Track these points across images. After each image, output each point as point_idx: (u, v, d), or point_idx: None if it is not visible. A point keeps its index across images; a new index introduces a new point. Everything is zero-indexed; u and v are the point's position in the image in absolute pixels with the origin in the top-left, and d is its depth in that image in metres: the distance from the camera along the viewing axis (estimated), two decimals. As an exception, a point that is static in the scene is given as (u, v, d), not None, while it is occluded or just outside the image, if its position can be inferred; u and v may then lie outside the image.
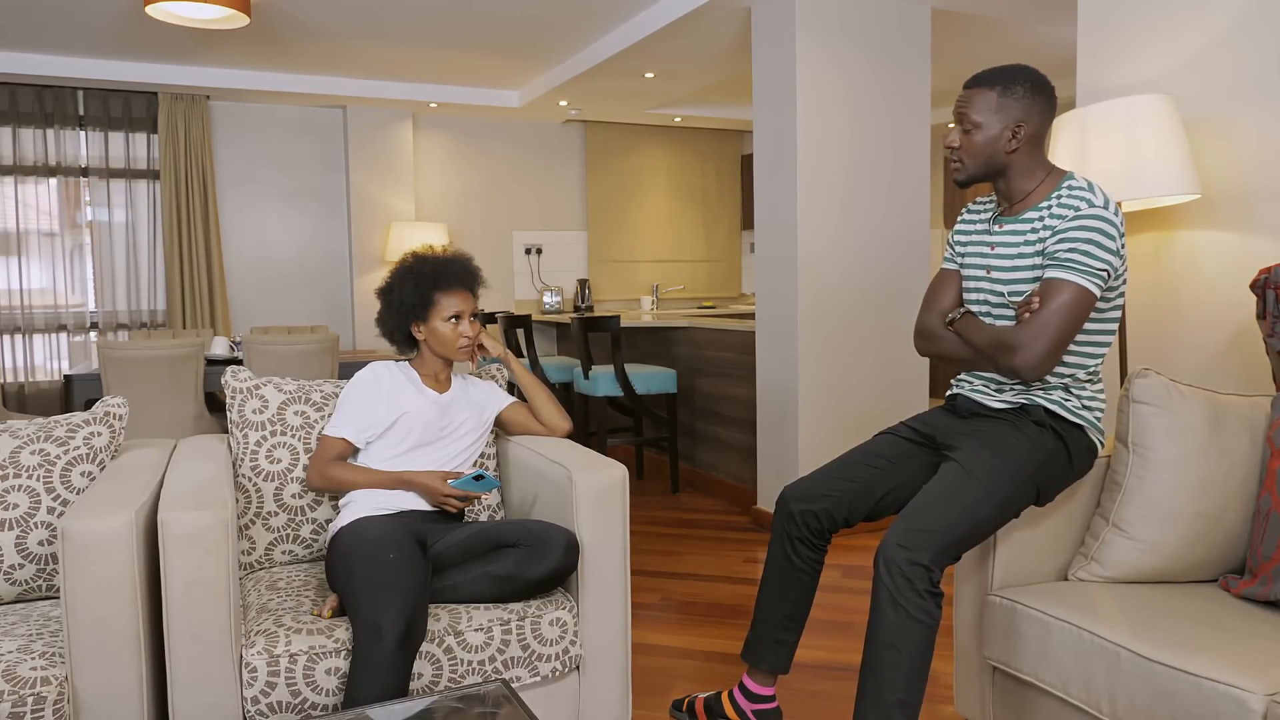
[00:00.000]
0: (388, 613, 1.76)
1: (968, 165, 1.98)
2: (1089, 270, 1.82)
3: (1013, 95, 1.92)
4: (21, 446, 2.02)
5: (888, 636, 1.79)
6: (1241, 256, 2.47)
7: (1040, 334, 1.83)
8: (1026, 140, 1.93)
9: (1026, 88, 1.92)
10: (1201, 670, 1.52)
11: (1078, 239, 1.83)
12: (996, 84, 1.93)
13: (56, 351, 5.99)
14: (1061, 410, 1.94)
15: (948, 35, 5.05)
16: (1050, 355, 1.83)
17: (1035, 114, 1.92)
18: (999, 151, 1.94)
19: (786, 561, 2.18)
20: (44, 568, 1.99)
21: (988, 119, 1.93)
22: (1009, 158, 1.94)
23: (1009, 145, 1.93)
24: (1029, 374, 1.85)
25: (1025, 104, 1.92)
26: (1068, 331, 1.83)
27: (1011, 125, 1.92)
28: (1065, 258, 1.84)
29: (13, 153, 5.75)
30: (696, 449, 5.18)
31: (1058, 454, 1.93)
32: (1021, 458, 1.89)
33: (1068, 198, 1.89)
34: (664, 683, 2.64)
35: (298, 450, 2.31)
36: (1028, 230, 1.93)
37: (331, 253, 6.71)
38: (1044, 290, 1.85)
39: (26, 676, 1.63)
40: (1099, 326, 1.95)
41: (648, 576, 3.61)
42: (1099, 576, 1.96)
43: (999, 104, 1.92)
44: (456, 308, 2.29)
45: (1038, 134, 1.94)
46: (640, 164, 7.56)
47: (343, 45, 5.34)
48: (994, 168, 1.96)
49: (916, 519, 1.83)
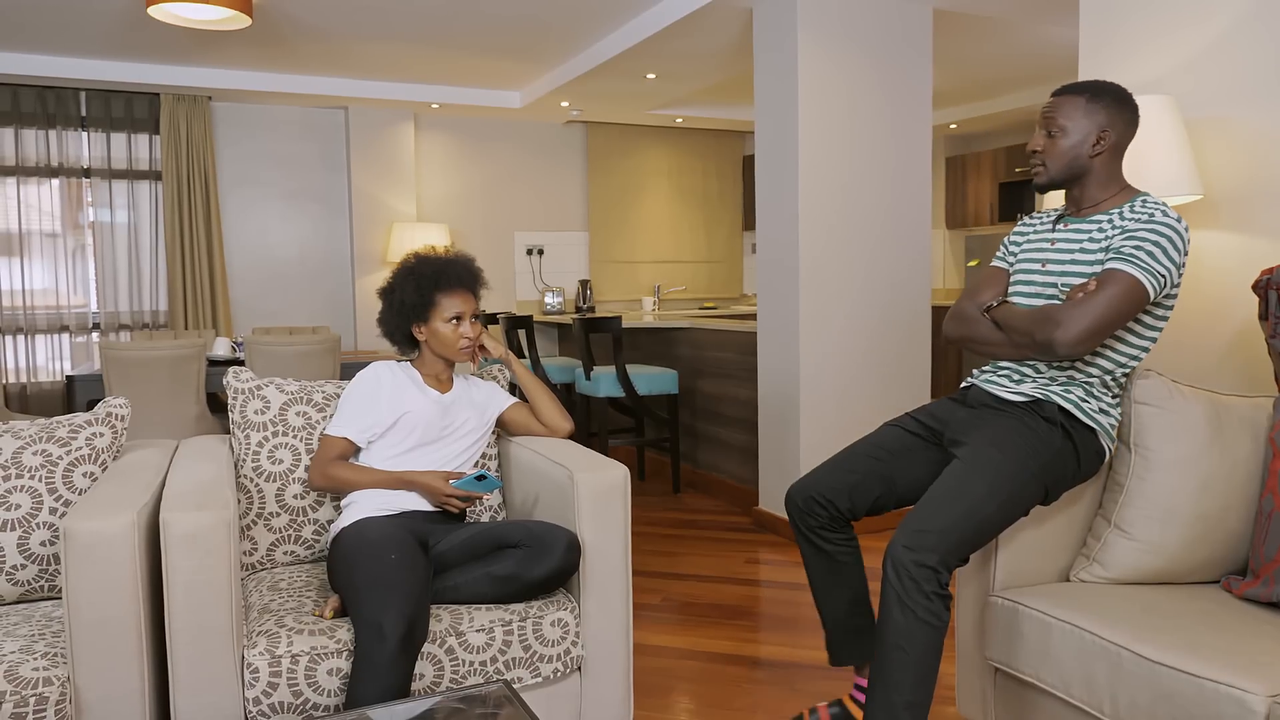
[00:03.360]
0: (389, 613, 1.76)
1: (1050, 168, 2.00)
2: (1150, 269, 1.83)
3: (1099, 103, 1.95)
4: (24, 447, 2.02)
5: (896, 638, 1.80)
6: (1243, 257, 2.47)
7: (1086, 314, 1.82)
8: (1109, 148, 1.97)
9: (1113, 97, 1.96)
10: (1203, 671, 1.52)
11: (1146, 238, 1.86)
12: (1085, 91, 1.97)
13: (59, 352, 5.99)
14: (1076, 411, 1.93)
15: (949, 36, 5.05)
16: (1090, 336, 1.82)
17: (1120, 124, 1.96)
18: (1082, 155, 1.97)
19: (819, 552, 2.17)
20: (46, 568, 1.99)
21: (1074, 123, 1.96)
22: (1091, 162, 1.97)
23: (1092, 150, 1.96)
24: (1064, 349, 1.83)
25: (1111, 112, 1.95)
26: (1113, 318, 1.82)
27: (1096, 131, 1.95)
28: (1129, 252, 1.86)
29: (15, 153, 5.75)
30: (698, 450, 5.18)
31: (1065, 453, 1.92)
32: (1028, 454, 1.89)
33: (1142, 208, 1.92)
34: (665, 683, 2.64)
35: (299, 451, 2.31)
36: (1094, 229, 1.96)
37: (333, 253, 6.71)
38: (1102, 278, 1.86)
39: (29, 677, 1.63)
40: (1138, 335, 1.95)
41: (649, 577, 3.61)
42: (1101, 577, 1.96)
43: (1086, 108, 1.96)
44: (457, 309, 2.29)
45: (1120, 144, 1.98)
46: (642, 165, 7.57)
47: (344, 46, 5.34)
48: (1075, 171, 1.98)
49: (923, 520, 1.83)
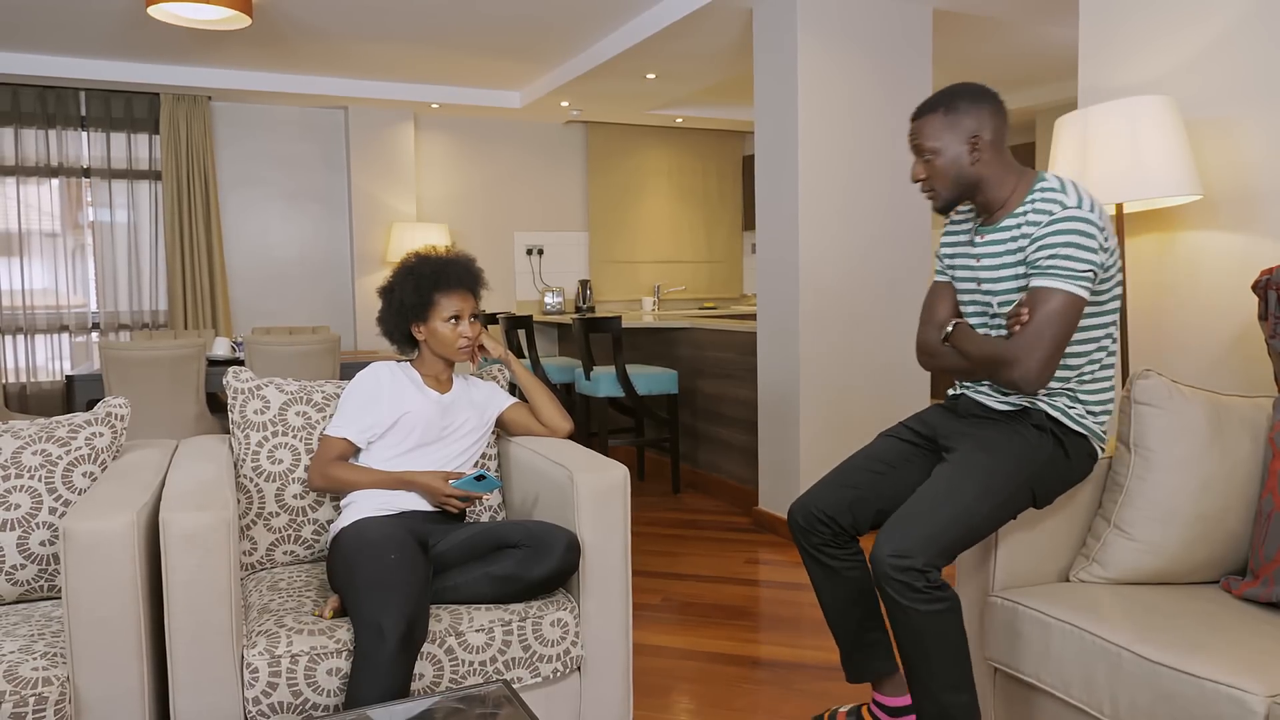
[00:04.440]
0: (389, 613, 1.76)
1: (940, 191, 1.96)
2: (1073, 274, 1.80)
3: (957, 111, 1.91)
4: (23, 447, 2.02)
5: (908, 637, 1.82)
6: (1243, 257, 2.47)
7: (1033, 346, 1.80)
8: (987, 149, 1.91)
9: (968, 99, 1.92)
10: (1203, 671, 1.52)
11: (1056, 244, 1.81)
12: (939, 106, 1.93)
13: (58, 352, 5.99)
14: (1063, 418, 1.93)
15: (949, 36, 5.05)
16: (1046, 366, 1.81)
17: (986, 120, 1.91)
18: (964, 168, 1.92)
19: (825, 569, 2.15)
20: (46, 568, 1.99)
21: (943, 141, 1.92)
22: (976, 170, 1.92)
23: (971, 159, 1.92)
24: (1028, 387, 1.83)
25: (973, 114, 1.91)
26: (1060, 339, 1.81)
27: (967, 139, 1.91)
28: (1047, 265, 1.81)
29: (15, 153, 5.75)
30: (698, 450, 5.18)
31: (1056, 459, 1.92)
32: (1018, 461, 1.89)
33: (1041, 202, 1.87)
34: (665, 684, 2.64)
35: (299, 451, 2.31)
36: (1008, 239, 1.92)
37: (333, 253, 6.71)
38: (1031, 300, 1.83)
39: (28, 677, 1.63)
40: (1095, 324, 1.93)
41: (649, 577, 3.61)
42: (1100, 578, 1.96)
43: (947, 122, 1.92)
44: (456, 308, 2.29)
45: (996, 139, 1.92)
46: (641, 165, 7.57)
47: (344, 46, 5.34)
48: (965, 185, 1.95)
49: (908, 522, 1.83)
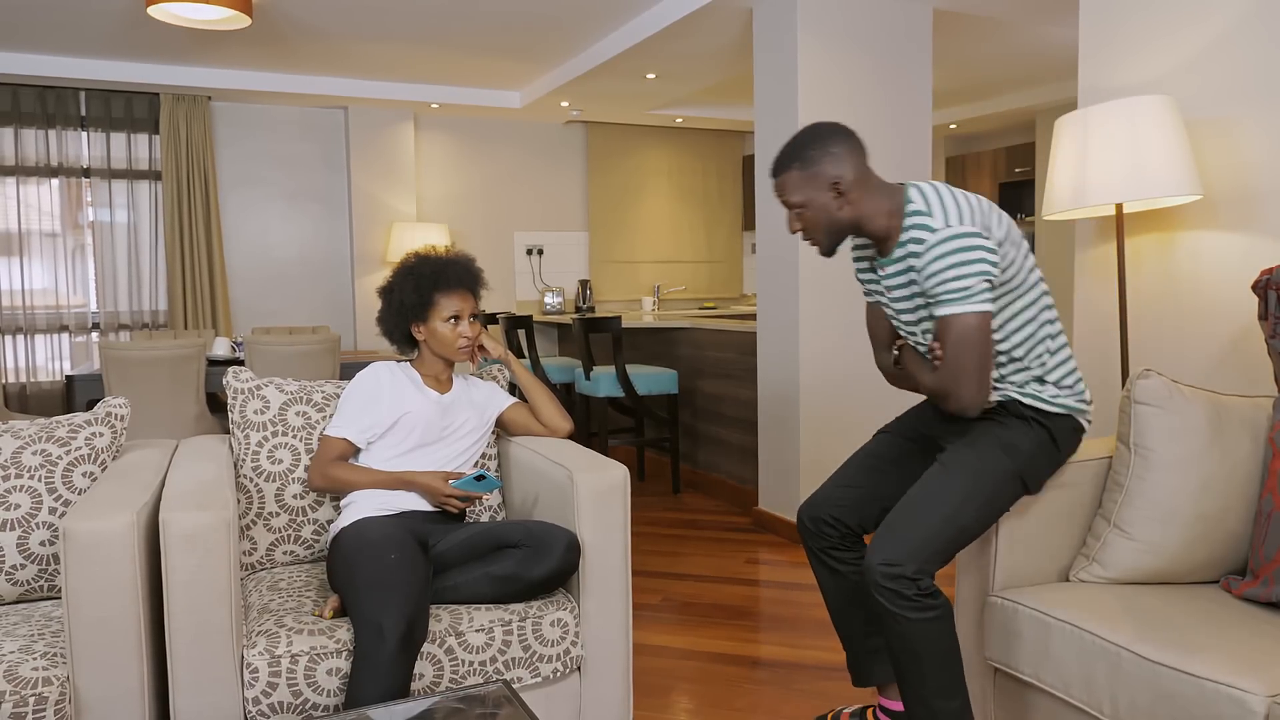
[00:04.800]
0: (389, 613, 1.76)
1: (821, 240, 1.96)
2: (965, 293, 1.78)
3: (811, 162, 1.89)
4: (23, 447, 2.02)
5: (898, 643, 1.83)
6: (1243, 257, 2.47)
7: (957, 378, 1.81)
8: (852, 189, 1.89)
9: (818, 146, 1.89)
10: (1203, 671, 1.52)
11: (937, 271, 1.79)
12: (792, 162, 1.91)
13: (58, 352, 5.99)
14: (1039, 403, 1.93)
15: (950, 36, 5.05)
16: (978, 388, 1.82)
17: (844, 162, 1.89)
18: (834, 215, 1.91)
19: (833, 573, 2.16)
20: (46, 568, 1.99)
21: (806, 195, 1.91)
22: (847, 214, 1.91)
23: (838, 204, 1.90)
24: (971, 413, 1.85)
25: (827, 161, 1.89)
26: (979, 358, 1.80)
27: (829, 186, 1.89)
28: (939, 293, 1.80)
29: (15, 153, 5.75)
30: (698, 450, 5.17)
31: (1042, 444, 1.92)
32: (1003, 456, 1.89)
33: (913, 230, 1.85)
34: (665, 683, 2.64)
35: (299, 451, 2.31)
36: (901, 270, 1.92)
37: (333, 253, 6.71)
38: (939, 332, 1.83)
39: (28, 677, 1.63)
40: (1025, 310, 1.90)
41: (649, 577, 3.61)
42: (1100, 577, 1.96)
43: (805, 176, 1.90)
44: (456, 308, 2.29)
45: (859, 176, 1.90)
46: (641, 165, 7.57)
47: (344, 46, 5.34)
48: (841, 229, 1.93)
49: (896, 530, 1.84)
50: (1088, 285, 2.95)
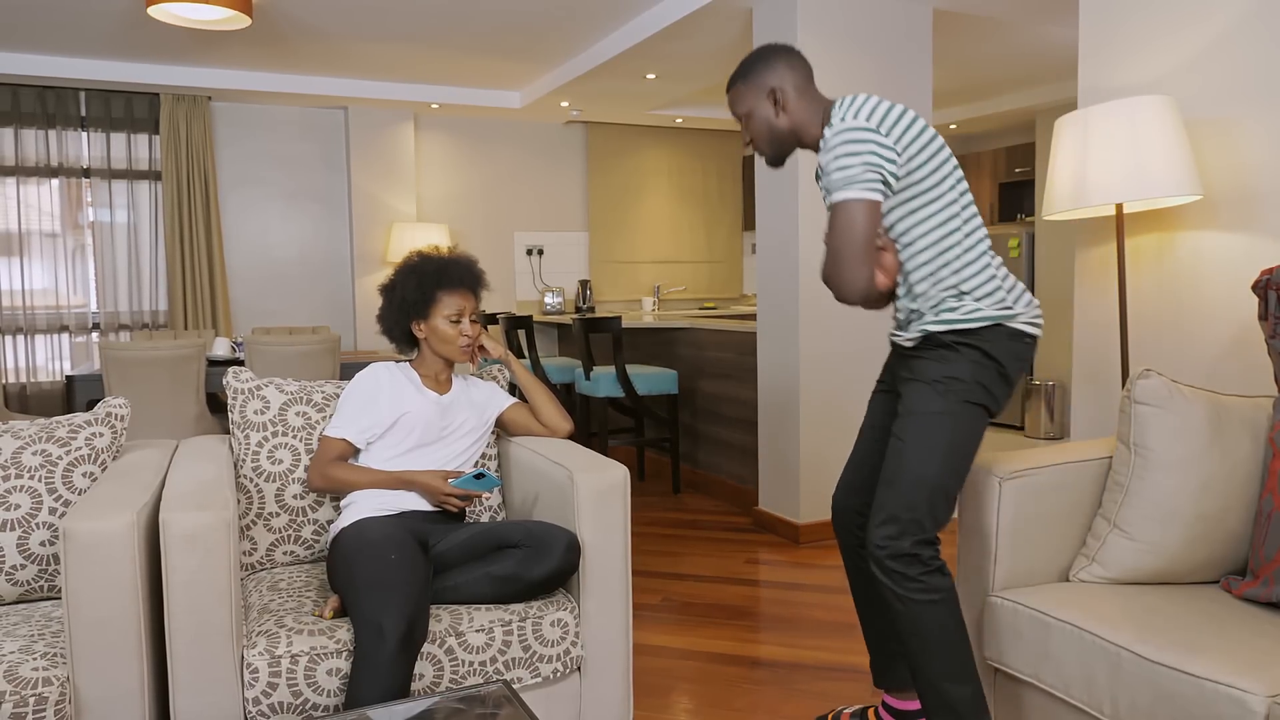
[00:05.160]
0: (389, 613, 1.76)
1: (764, 149, 2.07)
2: (848, 181, 1.81)
3: (753, 74, 2.03)
4: (23, 447, 2.02)
5: (905, 626, 1.87)
6: (1243, 257, 2.47)
7: (835, 262, 1.83)
8: (789, 99, 2.01)
9: (760, 60, 2.03)
10: (1203, 672, 1.52)
11: (827, 162, 1.85)
12: (738, 78, 2.05)
13: (58, 352, 5.99)
14: (957, 325, 1.90)
15: (950, 36, 5.05)
16: (851, 276, 1.82)
17: (780, 72, 2.01)
18: (774, 123, 2.03)
19: (861, 573, 2.20)
20: (46, 568, 1.99)
21: (750, 104, 2.04)
22: (784, 122, 2.02)
23: (776, 112, 2.02)
24: (850, 301, 1.86)
25: (766, 71, 2.02)
26: (856, 246, 1.81)
27: (767, 96, 2.02)
28: (826, 183, 1.86)
29: (15, 153, 5.75)
30: (698, 450, 5.17)
31: (979, 364, 1.90)
32: (942, 397, 1.89)
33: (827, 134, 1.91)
34: (665, 684, 2.64)
35: (299, 451, 2.31)
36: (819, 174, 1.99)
37: (333, 253, 6.71)
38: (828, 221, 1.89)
39: (28, 677, 1.63)
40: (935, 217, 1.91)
41: (649, 577, 3.61)
42: (1100, 578, 1.96)
43: (747, 87, 2.04)
44: (458, 306, 2.29)
45: (798, 88, 2.01)
46: (641, 165, 7.57)
47: (344, 46, 5.34)
48: (781, 138, 2.04)
49: (882, 509, 1.88)
50: (1088, 285, 2.95)
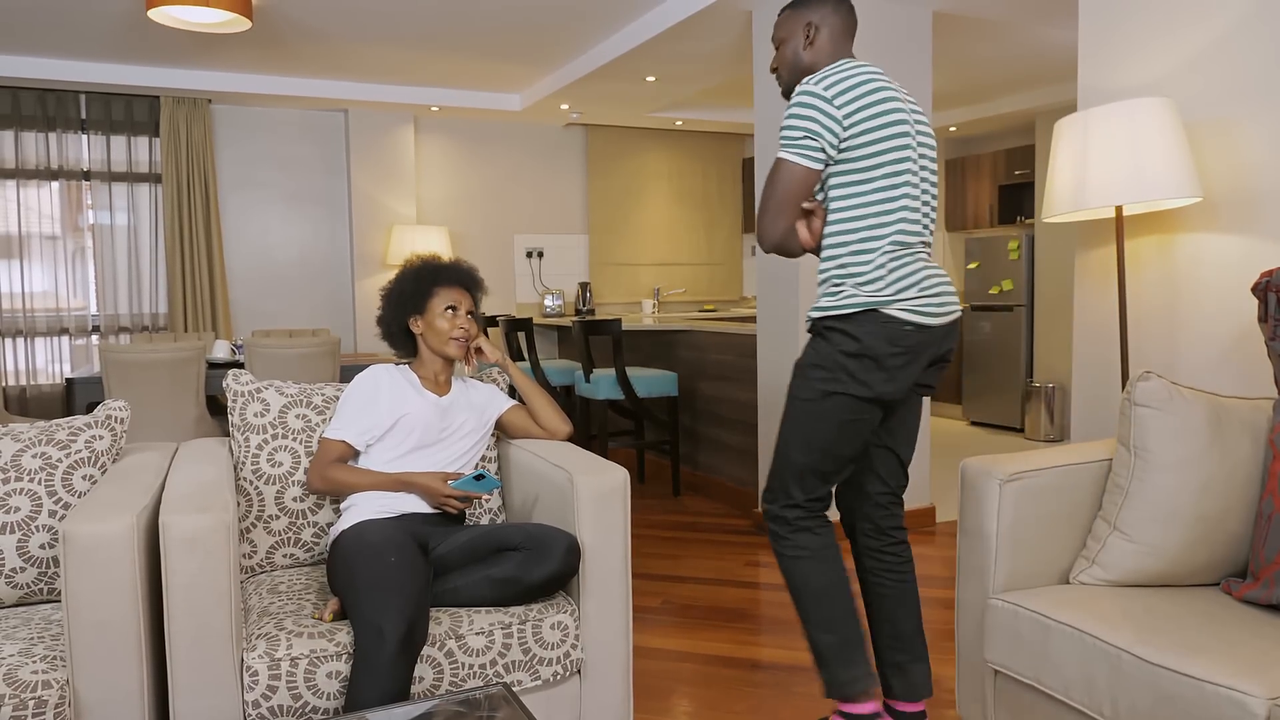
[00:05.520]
0: (389, 615, 1.76)
1: (783, 75, 2.16)
2: (787, 141, 1.95)
3: (800, 4, 2.13)
4: (23, 450, 2.02)
5: (788, 583, 2.10)
6: (1243, 259, 2.47)
7: (759, 209, 1.99)
8: (819, 38, 2.10)
9: None
10: (1204, 674, 1.52)
11: (783, 120, 1.98)
12: (789, 6, 2.15)
13: (58, 354, 5.99)
14: (831, 310, 1.98)
15: (949, 37, 5.05)
16: (768, 226, 1.98)
17: (826, 14, 2.10)
18: (799, 54, 2.12)
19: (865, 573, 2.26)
20: (45, 571, 1.99)
21: (787, 31, 2.14)
22: (807, 57, 2.11)
23: (805, 45, 2.11)
24: (765, 250, 2.02)
25: (813, 7, 2.11)
26: (777, 200, 1.96)
27: (802, 29, 2.11)
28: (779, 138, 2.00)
29: (15, 156, 5.76)
30: (698, 452, 5.17)
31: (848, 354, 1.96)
32: (799, 379, 2.03)
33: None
34: (665, 686, 2.64)
35: (299, 453, 2.31)
36: None
37: (333, 255, 6.72)
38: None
39: (27, 680, 1.62)
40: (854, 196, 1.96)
41: (649, 580, 3.60)
42: (1101, 580, 1.96)
43: (791, 15, 2.14)
44: (454, 299, 2.33)
45: (833, 34, 2.10)
46: (641, 167, 7.57)
47: (344, 49, 5.34)
48: (799, 71, 2.13)
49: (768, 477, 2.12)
50: (1088, 287, 2.95)
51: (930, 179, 2.06)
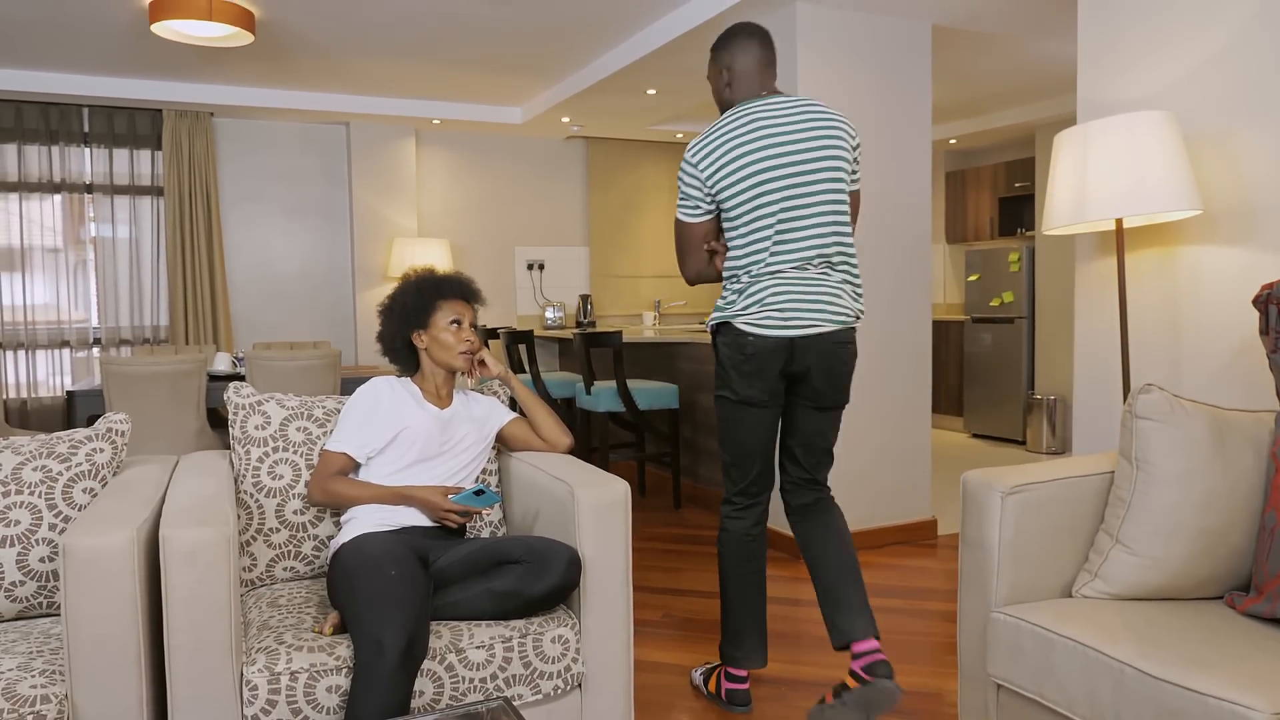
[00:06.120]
0: (389, 628, 1.75)
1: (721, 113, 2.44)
2: (678, 200, 2.41)
3: (717, 49, 2.43)
4: (24, 463, 2.02)
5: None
6: (1244, 272, 2.47)
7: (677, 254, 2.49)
8: (736, 78, 2.39)
9: (724, 40, 2.41)
10: (1207, 688, 1.51)
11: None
12: (712, 49, 2.45)
13: (59, 367, 6.00)
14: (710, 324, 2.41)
15: (948, 51, 5.07)
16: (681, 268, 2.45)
17: (733, 54, 2.39)
18: (721, 94, 2.44)
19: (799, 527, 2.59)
20: (45, 584, 1.99)
21: (711, 75, 2.48)
22: (729, 94, 2.42)
23: (724, 86, 2.43)
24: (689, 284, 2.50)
25: (726, 50, 2.40)
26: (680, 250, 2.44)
27: (720, 72, 2.43)
28: None
29: (18, 169, 5.77)
30: (699, 465, 5.17)
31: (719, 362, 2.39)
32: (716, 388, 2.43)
33: None
34: (666, 700, 2.63)
35: (299, 466, 2.30)
36: None
37: (334, 268, 6.73)
38: None
39: (26, 694, 1.62)
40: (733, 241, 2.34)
41: (650, 593, 3.59)
42: (1104, 593, 1.95)
43: (711, 61, 2.47)
44: (457, 312, 2.33)
45: (745, 69, 2.39)
46: (642, 180, 7.59)
47: (346, 62, 5.37)
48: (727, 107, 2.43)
49: None
50: (1088, 300, 2.95)
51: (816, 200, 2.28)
